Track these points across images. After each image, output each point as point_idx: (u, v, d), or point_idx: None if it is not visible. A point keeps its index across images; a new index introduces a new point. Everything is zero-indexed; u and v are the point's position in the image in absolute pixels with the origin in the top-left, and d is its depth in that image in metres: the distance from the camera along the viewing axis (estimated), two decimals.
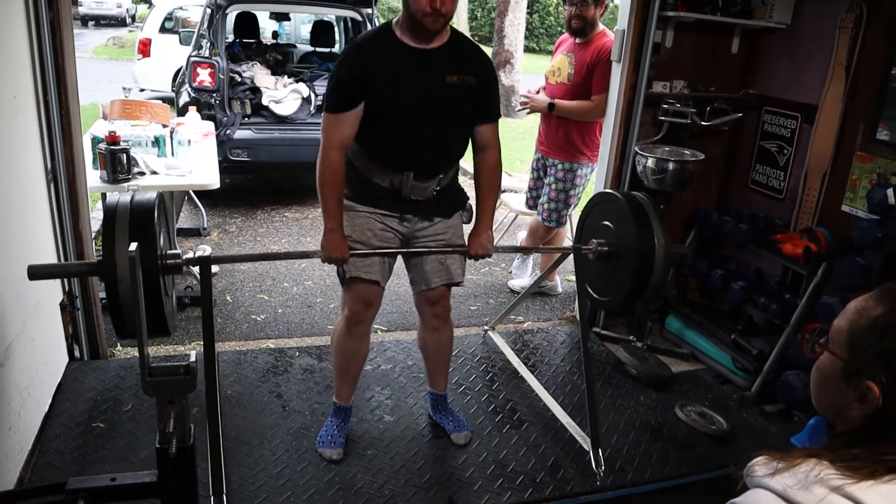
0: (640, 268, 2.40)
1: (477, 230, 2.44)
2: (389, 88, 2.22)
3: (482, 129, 2.38)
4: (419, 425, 2.80)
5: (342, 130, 2.25)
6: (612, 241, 2.54)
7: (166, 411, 1.62)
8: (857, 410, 0.90)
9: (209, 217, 5.16)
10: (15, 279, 2.38)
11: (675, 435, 2.87)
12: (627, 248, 2.47)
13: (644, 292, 2.48)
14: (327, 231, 2.29)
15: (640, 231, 2.41)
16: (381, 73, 2.21)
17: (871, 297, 0.92)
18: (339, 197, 2.30)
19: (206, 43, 5.36)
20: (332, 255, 2.29)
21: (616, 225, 2.53)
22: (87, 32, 20.00)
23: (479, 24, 21.74)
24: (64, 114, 2.75)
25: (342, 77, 2.23)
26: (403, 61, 2.22)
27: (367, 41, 2.30)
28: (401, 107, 2.24)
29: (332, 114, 2.25)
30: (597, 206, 2.72)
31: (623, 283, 2.50)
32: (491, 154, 2.41)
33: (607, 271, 2.59)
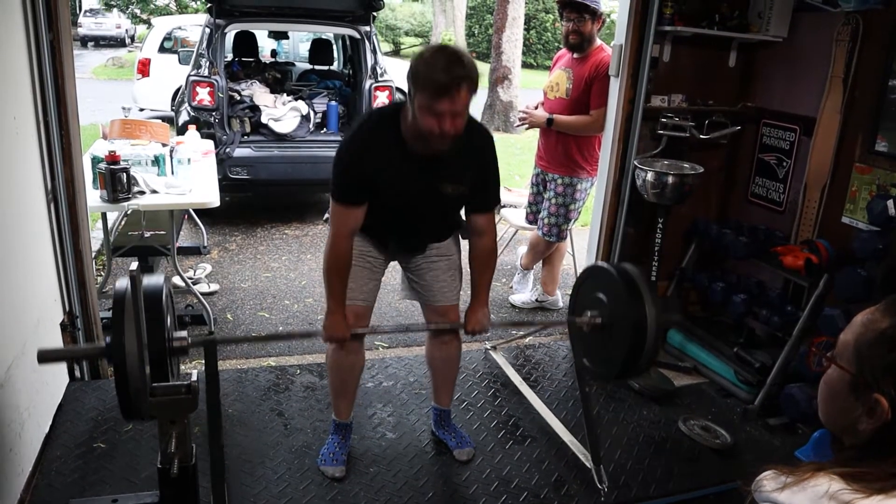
0: (632, 338, 2.47)
1: (473, 307, 2.48)
2: (389, 190, 2.26)
3: (477, 218, 2.40)
4: (422, 442, 2.79)
5: (351, 221, 2.28)
6: (605, 312, 2.61)
7: (168, 431, 1.61)
8: (866, 424, 0.90)
9: (209, 235, 5.16)
10: (15, 300, 2.38)
11: (678, 449, 2.85)
12: (619, 319, 2.54)
13: (638, 361, 2.53)
14: (330, 312, 2.33)
15: (631, 302, 2.48)
16: (385, 175, 2.22)
17: (878, 310, 0.92)
18: (344, 283, 2.33)
19: (206, 62, 5.38)
20: (335, 335, 2.34)
21: (608, 297, 2.60)
22: (86, 53, 20.11)
23: (476, 41, 21.87)
24: (64, 134, 2.75)
25: (348, 176, 2.24)
26: (405, 167, 2.21)
27: (376, 138, 2.22)
28: (395, 204, 2.31)
29: (341, 206, 2.26)
30: (589, 278, 2.79)
31: (617, 353, 2.57)
32: (486, 240, 2.43)
33: (601, 342, 2.66)
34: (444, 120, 2.03)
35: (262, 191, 5.90)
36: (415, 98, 2.06)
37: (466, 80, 2.01)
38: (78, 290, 2.94)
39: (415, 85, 2.04)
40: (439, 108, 2.01)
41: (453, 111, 2.03)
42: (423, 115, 2.05)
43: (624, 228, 3.52)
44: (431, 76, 1.99)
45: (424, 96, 2.02)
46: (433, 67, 1.99)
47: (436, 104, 2.01)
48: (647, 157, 3.43)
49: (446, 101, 2.00)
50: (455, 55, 2.03)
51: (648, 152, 3.49)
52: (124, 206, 3.32)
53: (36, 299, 2.63)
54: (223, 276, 4.51)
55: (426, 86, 2.00)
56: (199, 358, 3.44)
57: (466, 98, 2.04)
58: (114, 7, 21.39)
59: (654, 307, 2.44)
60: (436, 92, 1.99)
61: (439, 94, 2.00)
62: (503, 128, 10.61)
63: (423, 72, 2.01)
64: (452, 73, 1.99)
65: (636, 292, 2.47)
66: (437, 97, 2.00)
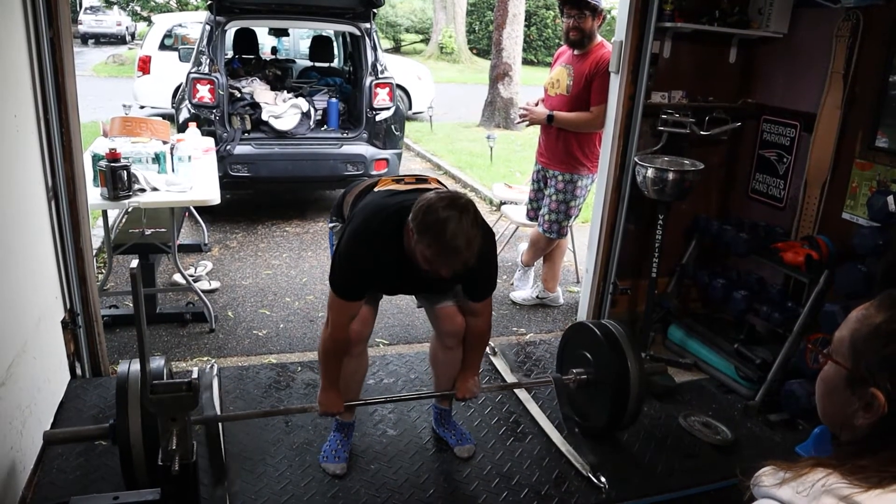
0: (616, 394, 2.62)
1: (464, 376, 2.55)
2: (388, 285, 2.43)
3: (471, 303, 2.43)
4: (422, 439, 2.79)
5: (351, 313, 2.33)
6: (591, 370, 2.74)
7: (168, 429, 1.61)
8: (863, 419, 0.90)
9: (210, 232, 5.17)
10: (16, 298, 2.38)
11: (679, 446, 2.86)
12: (604, 375, 2.67)
13: (624, 414, 2.66)
14: (324, 389, 2.43)
15: (615, 360, 2.62)
16: (385, 275, 2.29)
17: (872, 305, 0.92)
18: (339, 367, 2.41)
19: (206, 59, 5.38)
20: (329, 409, 2.44)
21: (593, 354, 2.73)
22: (87, 51, 20.09)
23: (477, 38, 21.86)
24: (64, 131, 2.75)
25: (353, 276, 2.26)
26: (405, 269, 2.21)
27: (380, 245, 2.22)
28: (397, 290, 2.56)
29: (342, 300, 2.28)
30: (574, 336, 2.91)
31: (603, 408, 2.70)
32: (480, 321, 2.47)
33: (588, 397, 2.80)
34: (438, 271, 2.08)
35: (262, 188, 5.91)
36: (417, 243, 2.06)
37: (468, 254, 2.03)
38: (79, 287, 2.94)
39: (418, 236, 2.04)
40: (436, 270, 2.07)
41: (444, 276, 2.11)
42: (422, 261, 2.08)
43: (624, 225, 3.52)
44: (434, 245, 2.00)
45: (426, 253, 2.04)
46: (438, 235, 1.99)
47: (436, 265, 2.06)
48: (647, 154, 3.43)
49: (446, 268, 2.06)
50: (461, 224, 2.00)
51: (649, 149, 3.49)
52: (125, 203, 3.33)
53: (37, 297, 2.63)
54: (224, 274, 4.51)
55: (429, 247, 2.02)
56: (200, 355, 3.45)
57: (471, 263, 2.07)
58: (114, 4, 21.38)
59: (637, 363, 2.62)
60: (437, 257, 2.03)
61: (440, 262, 2.04)
62: (504, 124, 10.61)
63: (428, 234, 2.01)
64: (454, 246, 2.00)
65: (619, 350, 2.63)
66: (437, 261, 2.04)
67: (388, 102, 5.63)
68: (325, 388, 2.43)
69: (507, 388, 3.13)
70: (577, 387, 2.77)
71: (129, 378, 1.93)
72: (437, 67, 18.01)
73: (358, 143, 5.55)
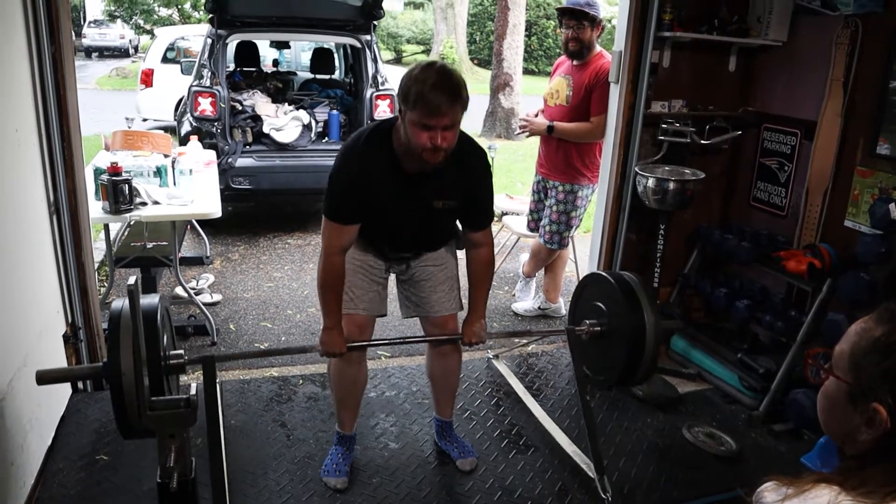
0: (631, 345, 2.50)
1: (470, 319, 2.50)
2: (381, 206, 2.28)
3: (473, 234, 2.42)
4: (424, 452, 2.78)
5: (343, 238, 2.30)
6: (604, 321, 2.63)
7: (167, 445, 1.60)
8: (866, 434, 0.89)
9: (212, 245, 5.17)
10: (17, 312, 2.38)
11: (683, 457, 2.84)
12: (619, 327, 2.57)
13: (638, 369, 2.56)
14: (326, 328, 2.36)
15: (630, 310, 2.51)
16: (378, 193, 2.24)
17: (871, 319, 0.92)
18: (339, 298, 2.36)
19: (208, 72, 5.40)
20: (331, 350, 2.37)
21: (607, 305, 2.62)
22: (90, 64, 20.21)
23: (477, 48, 21.92)
24: (66, 146, 2.76)
25: (341, 193, 2.25)
26: (398, 184, 2.23)
27: (369, 156, 2.23)
28: (388, 219, 2.34)
29: (333, 223, 2.28)
30: (587, 287, 2.81)
31: (616, 361, 2.59)
32: (483, 251, 2.44)
33: (601, 350, 2.68)
34: (435, 135, 2.06)
35: (264, 200, 5.92)
36: (406, 115, 2.08)
37: (457, 96, 2.05)
38: (80, 301, 2.94)
39: (405, 103, 2.07)
40: (431, 124, 2.04)
41: (445, 126, 2.05)
42: (414, 131, 2.07)
43: (626, 235, 3.51)
44: (422, 93, 2.01)
45: (416, 113, 2.04)
46: (424, 85, 2.02)
47: (427, 120, 2.03)
48: (648, 164, 3.43)
49: (437, 117, 2.03)
50: (445, 72, 2.07)
51: (649, 158, 3.49)
52: (126, 217, 3.33)
53: (38, 311, 2.63)
54: (226, 287, 4.51)
55: (417, 103, 2.03)
56: (198, 369, 3.43)
57: (457, 113, 2.07)
58: (117, 18, 21.52)
59: (653, 314, 2.47)
60: (427, 109, 2.02)
61: (431, 112, 2.02)
62: (505, 135, 10.62)
63: (414, 90, 2.04)
64: (443, 90, 2.02)
65: (635, 300, 2.49)
66: (428, 114, 2.03)
67: (390, 114, 5.64)
68: (328, 327, 2.35)
69: (517, 336, 3.05)
70: (590, 338, 2.65)
71: (122, 314, 1.88)
72: None
73: None
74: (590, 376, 2.73)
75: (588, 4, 3.65)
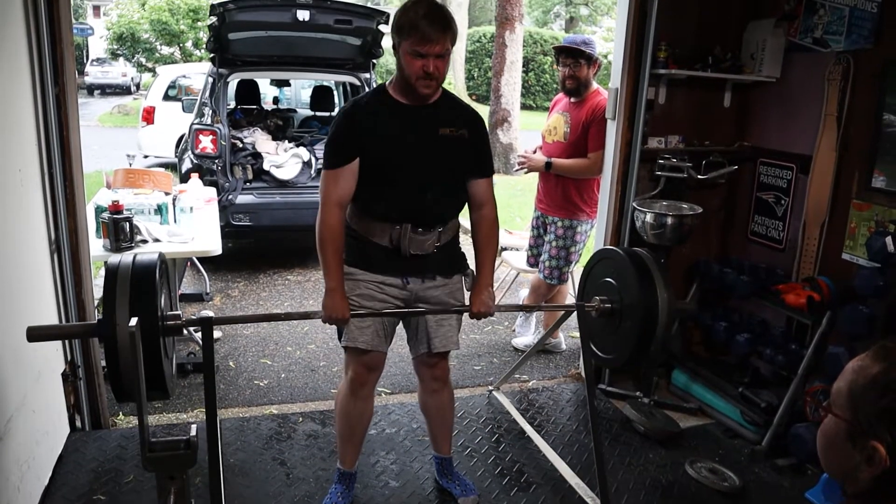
0: (643, 323, 2.36)
1: (477, 288, 2.42)
2: (383, 143, 2.26)
3: (477, 184, 2.40)
4: (425, 490, 2.75)
5: (340, 186, 2.26)
6: (615, 297, 2.50)
7: (166, 487, 1.59)
8: (866, 472, 0.89)
9: (212, 282, 5.17)
10: (17, 350, 2.38)
11: (686, 493, 2.81)
12: (630, 304, 2.43)
13: (649, 348, 2.42)
14: (328, 290, 2.29)
15: (643, 287, 2.38)
16: (375, 129, 2.26)
17: (868, 356, 0.92)
18: (339, 255, 2.31)
19: (208, 110, 5.46)
20: (334, 314, 2.29)
21: (618, 281, 2.50)
22: (92, 101, 20.43)
23: (476, 84, 22.15)
24: (68, 185, 2.79)
25: (337, 135, 2.29)
26: (396, 118, 2.28)
27: (361, 100, 2.36)
28: (395, 160, 2.28)
29: (329, 170, 2.29)
30: (598, 262, 2.70)
31: (627, 340, 2.46)
32: (487, 210, 2.43)
33: (611, 328, 2.56)
34: (428, 63, 2.15)
35: (264, 237, 5.94)
36: (400, 47, 2.19)
37: (447, 26, 2.15)
38: (80, 339, 2.94)
39: (399, 34, 2.18)
40: (424, 51, 2.14)
41: (437, 53, 2.15)
42: (408, 60, 2.17)
43: None
44: (415, 23, 2.13)
45: (409, 42, 2.15)
46: (415, 15, 2.13)
47: (420, 47, 2.14)
48: (645, 199, 3.45)
49: (429, 44, 2.14)
50: (434, 4, 2.18)
51: (647, 194, 3.51)
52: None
53: (37, 350, 2.62)
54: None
55: (411, 32, 2.14)
56: (201, 406, 3.42)
57: (448, 42, 2.17)
58: (120, 56, 21.81)
59: (666, 291, 2.36)
60: (420, 36, 2.13)
61: (423, 39, 2.13)
62: (503, 170, 10.68)
63: (406, 21, 2.15)
64: (433, 20, 2.13)
65: (647, 276, 2.38)
66: (421, 41, 2.13)
67: None
68: (330, 290, 2.29)
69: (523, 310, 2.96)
70: (600, 315, 2.54)
71: (119, 266, 1.84)
72: None
73: None
74: (599, 356, 2.64)
75: (584, 43, 3.71)
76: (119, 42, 20.84)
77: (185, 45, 20.22)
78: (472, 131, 2.37)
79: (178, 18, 19.61)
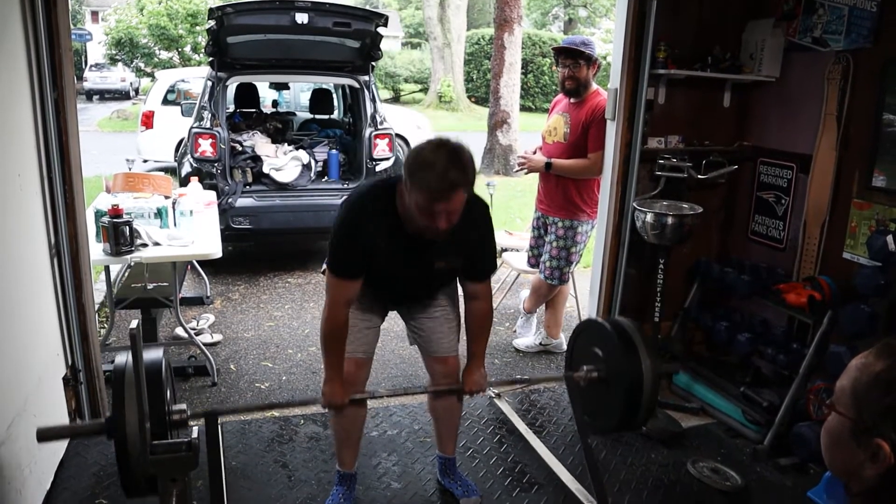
0: (629, 391, 2.48)
1: (470, 368, 2.48)
2: (383, 262, 2.26)
3: (471, 285, 2.41)
4: (427, 491, 2.75)
5: (347, 293, 2.29)
6: (602, 367, 2.61)
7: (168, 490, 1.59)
8: (871, 470, 0.89)
9: (212, 285, 5.17)
10: (18, 355, 2.38)
11: (688, 493, 2.81)
12: (616, 373, 2.55)
13: (637, 414, 2.53)
14: (328, 380, 2.35)
15: (627, 356, 2.49)
16: (376, 247, 2.22)
17: (871, 354, 0.92)
18: (341, 351, 2.36)
19: (208, 114, 5.46)
20: (333, 401, 2.35)
21: (604, 351, 2.61)
22: (91, 106, 20.43)
23: (475, 86, 22.20)
24: (67, 190, 2.79)
25: (343, 246, 2.24)
26: (397, 241, 2.21)
27: (367, 210, 2.22)
28: (391, 277, 2.35)
29: (338, 279, 2.27)
30: (583, 332, 2.80)
31: (616, 407, 2.57)
32: (481, 304, 2.44)
33: (599, 396, 2.66)
34: (439, 218, 2.05)
35: (264, 240, 5.93)
36: (410, 191, 2.05)
37: (462, 184, 2.02)
38: (80, 343, 2.94)
39: (411, 180, 2.03)
40: (435, 210, 2.03)
41: (448, 210, 2.05)
42: (418, 211, 2.06)
43: (625, 270, 3.52)
44: (428, 179, 1.98)
45: (420, 196, 2.02)
46: (430, 169, 1.98)
47: (431, 206, 2.02)
48: (645, 199, 3.45)
49: (442, 203, 2.01)
50: (453, 156, 2.01)
51: (647, 194, 3.51)
52: (127, 258, 3.34)
53: (38, 354, 2.63)
54: (226, 326, 4.50)
55: (422, 188, 2.00)
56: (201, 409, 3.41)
57: (461, 198, 2.05)
58: (119, 61, 21.82)
59: (650, 359, 2.45)
60: (431, 195, 2.00)
61: (434, 198, 2.00)
62: (503, 171, 10.69)
63: (419, 173, 2.00)
64: (448, 179, 1.98)
65: (631, 345, 2.48)
66: (432, 200, 2.01)
67: (388, 153, 5.70)
68: (329, 379, 2.34)
69: (516, 384, 3.02)
70: (589, 384, 2.60)
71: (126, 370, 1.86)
72: (437, 116, 18.25)
73: None
74: (589, 422, 2.71)
75: (584, 44, 3.72)
76: (118, 47, 20.84)
77: (183, 49, 20.22)
78: (471, 251, 2.31)
79: (177, 23, 19.62)
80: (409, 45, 31.60)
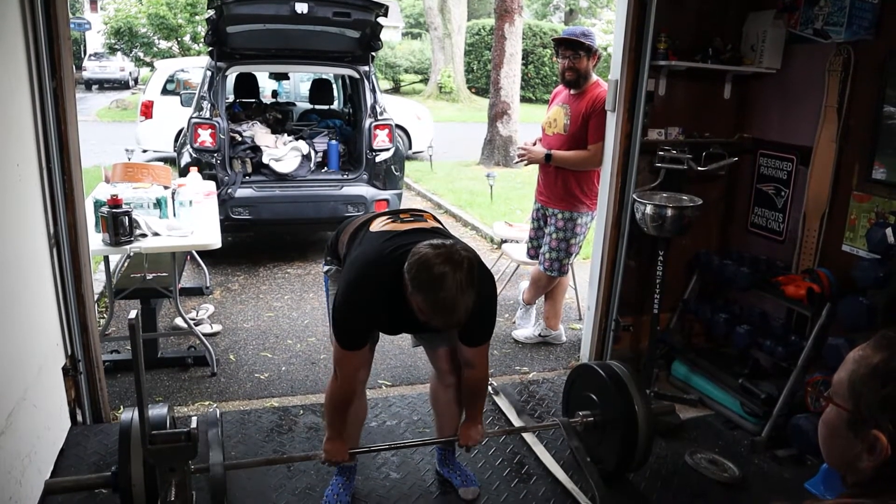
0: (625, 435, 2.57)
1: (467, 424, 2.51)
2: (389, 326, 2.35)
3: (467, 350, 2.36)
4: (426, 482, 2.76)
5: (357, 361, 2.31)
6: (597, 412, 2.69)
7: (167, 479, 1.59)
8: (868, 461, 0.89)
9: (212, 276, 5.17)
10: (17, 345, 2.38)
11: (686, 484, 2.82)
12: (612, 418, 2.63)
13: (634, 456, 2.61)
14: (330, 438, 2.39)
15: (622, 401, 2.58)
16: (386, 318, 2.24)
17: (869, 346, 0.92)
18: (345, 419, 2.39)
19: (207, 104, 5.45)
20: (334, 457, 2.39)
21: (599, 397, 2.69)
22: (90, 96, 20.39)
23: (475, 77, 22.14)
24: (66, 179, 2.78)
25: (355, 326, 2.23)
26: (405, 312, 2.14)
27: (378, 292, 2.17)
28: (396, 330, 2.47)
29: (347, 350, 2.26)
30: (578, 378, 2.88)
31: (611, 451, 2.66)
32: (476, 372, 2.42)
33: (596, 439, 2.76)
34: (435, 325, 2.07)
35: (263, 230, 5.93)
36: (414, 296, 2.01)
37: (463, 315, 2.00)
38: (80, 333, 2.94)
39: (413, 289, 1.99)
40: (431, 322, 2.05)
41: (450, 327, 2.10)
42: (417, 311, 2.05)
43: (625, 261, 3.52)
44: (428, 306, 1.98)
45: (421, 307, 2.01)
46: (431, 298, 1.96)
47: (428, 319, 2.03)
48: (645, 191, 3.45)
49: (439, 323, 2.05)
50: (458, 297, 1.95)
51: (647, 185, 3.51)
52: (126, 249, 3.34)
53: (38, 344, 2.63)
54: (226, 317, 4.50)
55: (420, 306, 2.00)
56: (201, 399, 3.42)
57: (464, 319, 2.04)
58: (118, 51, 21.75)
59: (644, 403, 2.58)
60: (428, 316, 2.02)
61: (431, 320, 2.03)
62: (503, 162, 10.68)
63: (423, 293, 1.97)
64: (447, 319, 2.00)
65: (625, 391, 2.58)
66: (429, 319, 2.03)
67: (388, 143, 5.69)
68: (331, 438, 2.39)
69: (512, 433, 3.08)
70: (585, 429, 2.73)
71: (132, 426, 1.91)
72: (437, 107, 18.21)
73: (358, 184, 5.59)
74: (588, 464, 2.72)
75: (584, 35, 3.71)
76: (117, 36, 20.78)
77: (183, 39, 20.17)
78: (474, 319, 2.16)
79: (176, 12, 19.56)
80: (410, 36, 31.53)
